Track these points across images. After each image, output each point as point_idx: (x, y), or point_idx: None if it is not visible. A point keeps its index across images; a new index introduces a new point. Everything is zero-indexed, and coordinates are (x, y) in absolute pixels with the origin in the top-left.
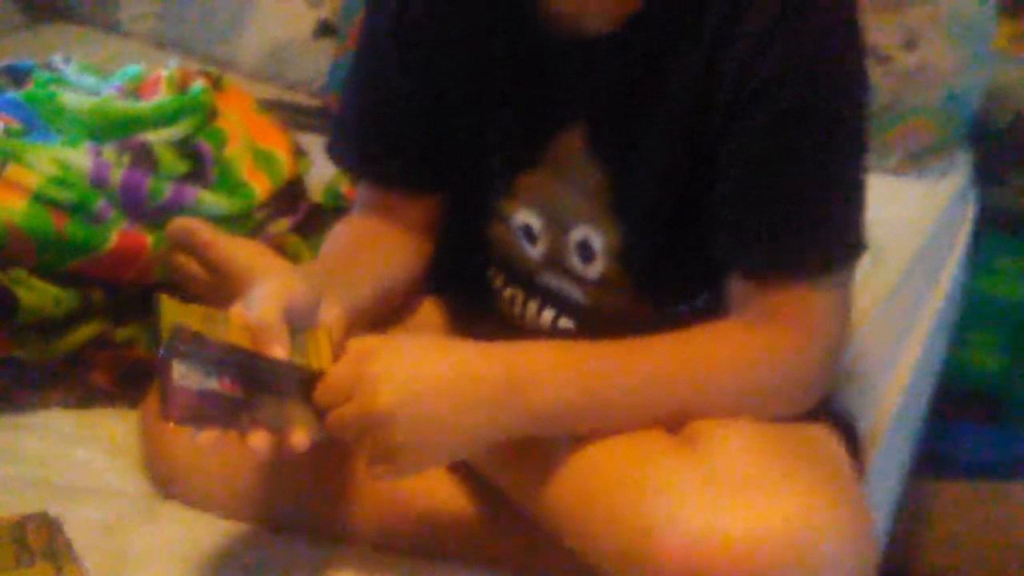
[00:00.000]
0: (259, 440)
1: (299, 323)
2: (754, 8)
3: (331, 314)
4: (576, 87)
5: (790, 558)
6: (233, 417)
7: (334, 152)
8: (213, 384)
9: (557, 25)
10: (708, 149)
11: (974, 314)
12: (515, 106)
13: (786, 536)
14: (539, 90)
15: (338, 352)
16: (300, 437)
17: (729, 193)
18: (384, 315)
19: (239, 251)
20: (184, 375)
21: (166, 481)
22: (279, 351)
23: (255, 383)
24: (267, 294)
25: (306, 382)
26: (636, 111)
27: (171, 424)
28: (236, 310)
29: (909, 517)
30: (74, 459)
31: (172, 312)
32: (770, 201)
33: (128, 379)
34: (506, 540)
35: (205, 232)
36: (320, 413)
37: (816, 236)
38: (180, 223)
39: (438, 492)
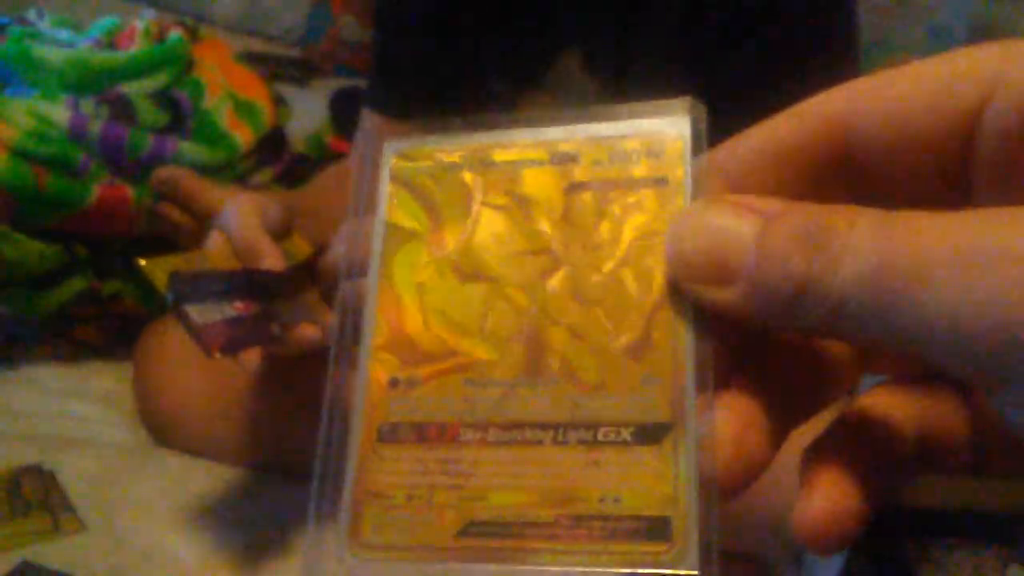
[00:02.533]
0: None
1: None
2: None
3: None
4: (571, 12)
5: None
6: (265, 331)
7: (369, 95)
8: (230, 310)
9: None
10: (702, 65)
11: None
12: (516, 29)
13: None
14: (538, 14)
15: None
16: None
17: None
18: None
19: (224, 197)
20: (201, 312)
21: (160, 428)
22: (271, 264)
23: (265, 294)
24: (240, 215)
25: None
26: (628, 33)
27: (216, 357)
28: (213, 242)
29: None
30: (66, 412)
31: (157, 268)
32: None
33: (116, 333)
34: None
35: (190, 180)
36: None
37: None
38: (164, 172)
39: None
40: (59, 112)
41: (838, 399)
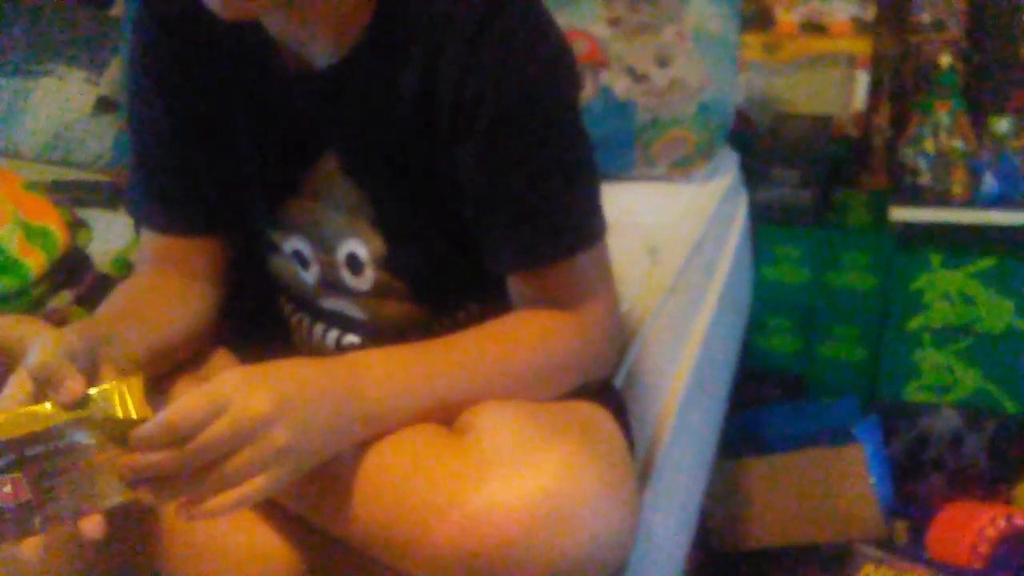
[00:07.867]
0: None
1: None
2: (454, 27)
3: (107, 371)
4: (319, 117)
5: (551, 521)
6: (27, 523)
7: (129, 207)
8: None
9: (290, 59)
10: (447, 163)
11: (768, 301)
12: (267, 139)
13: (546, 501)
14: (287, 122)
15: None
16: (92, 526)
17: (474, 200)
18: (169, 368)
19: (7, 327)
20: None
21: None
22: (75, 387)
23: (44, 473)
24: (41, 348)
25: (119, 431)
26: (375, 134)
27: None
28: (7, 393)
29: (726, 495)
30: None
31: None
32: (510, 201)
33: None
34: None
35: None
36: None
37: (557, 223)
38: None
39: (258, 536)
40: None
41: None
